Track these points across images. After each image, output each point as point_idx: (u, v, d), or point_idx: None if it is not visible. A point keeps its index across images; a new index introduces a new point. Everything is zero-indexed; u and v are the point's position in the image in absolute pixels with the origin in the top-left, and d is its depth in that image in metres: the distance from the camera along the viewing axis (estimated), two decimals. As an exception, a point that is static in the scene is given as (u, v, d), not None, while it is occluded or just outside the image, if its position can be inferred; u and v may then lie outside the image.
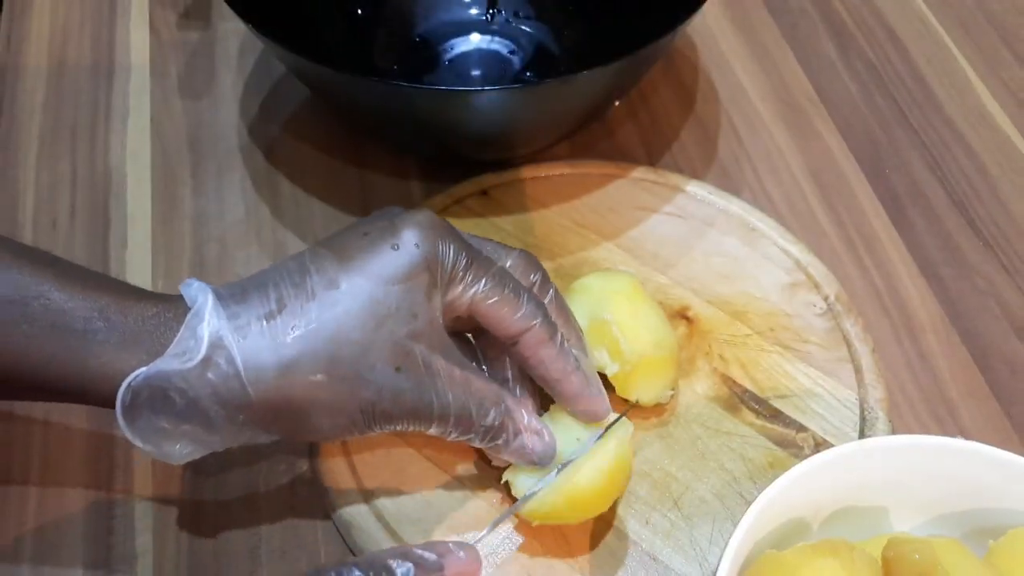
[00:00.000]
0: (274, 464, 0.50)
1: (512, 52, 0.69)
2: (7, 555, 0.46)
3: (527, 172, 0.60)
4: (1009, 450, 0.51)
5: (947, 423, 0.52)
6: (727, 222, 0.58)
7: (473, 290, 0.42)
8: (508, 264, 0.44)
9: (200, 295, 0.39)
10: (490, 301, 0.42)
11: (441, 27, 0.70)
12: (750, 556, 0.39)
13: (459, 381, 0.41)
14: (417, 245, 0.41)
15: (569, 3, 0.69)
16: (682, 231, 0.58)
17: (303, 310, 0.39)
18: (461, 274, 0.42)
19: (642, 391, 0.48)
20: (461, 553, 0.39)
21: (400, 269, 0.40)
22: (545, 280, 0.45)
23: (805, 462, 0.40)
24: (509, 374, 0.45)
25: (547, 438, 0.43)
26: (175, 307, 0.40)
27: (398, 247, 0.41)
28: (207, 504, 0.48)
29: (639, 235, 0.57)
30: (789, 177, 0.63)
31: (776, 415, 0.50)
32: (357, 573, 0.36)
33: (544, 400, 0.46)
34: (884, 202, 0.62)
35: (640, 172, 0.60)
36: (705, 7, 0.56)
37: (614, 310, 0.48)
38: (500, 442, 0.43)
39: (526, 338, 0.42)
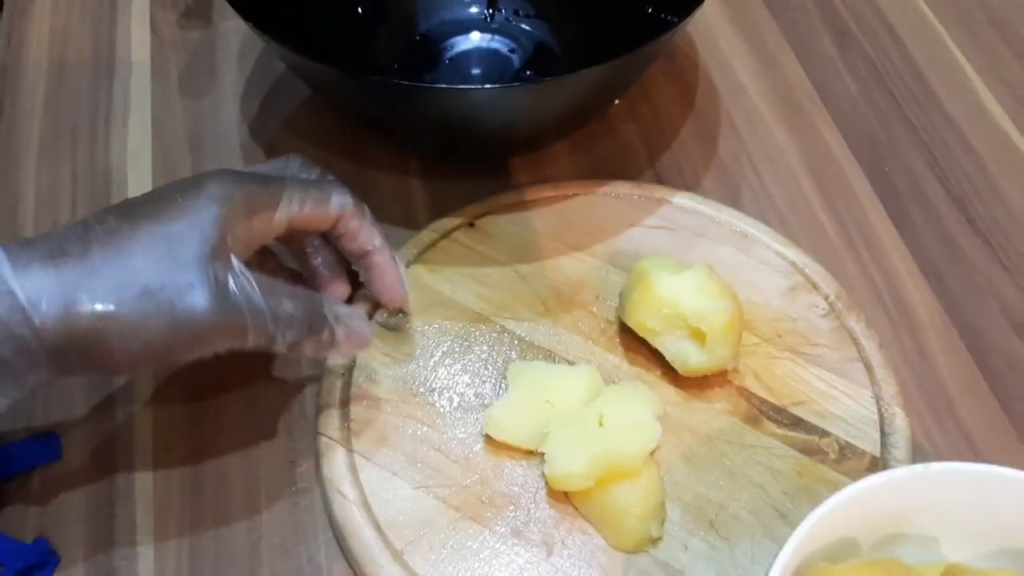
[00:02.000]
0: (274, 463, 0.50)
1: (512, 50, 0.69)
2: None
3: (512, 198, 0.59)
4: (1007, 447, 0.51)
5: (946, 420, 0.52)
6: (719, 231, 0.58)
7: (284, 211, 0.45)
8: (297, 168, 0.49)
9: None
10: (304, 210, 0.46)
11: (441, 26, 0.70)
12: (799, 569, 0.39)
13: (266, 285, 0.43)
14: (201, 188, 0.43)
15: (569, 2, 0.69)
16: (675, 244, 0.57)
17: (86, 251, 0.39)
18: (263, 203, 0.45)
19: (732, 350, 0.49)
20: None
21: (185, 210, 0.42)
22: (360, 203, 0.50)
23: (860, 482, 0.39)
24: (319, 260, 0.52)
25: (366, 319, 0.48)
26: None
27: (182, 197, 0.42)
28: (207, 503, 0.48)
29: (633, 251, 0.56)
30: (789, 175, 0.63)
31: (797, 423, 0.50)
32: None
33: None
34: (884, 200, 0.62)
35: (625, 187, 0.60)
36: (705, 6, 0.56)
37: (673, 288, 0.49)
38: (325, 336, 0.45)
39: (342, 220, 0.48)
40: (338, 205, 0.48)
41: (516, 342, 0.52)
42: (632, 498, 0.45)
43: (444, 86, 0.63)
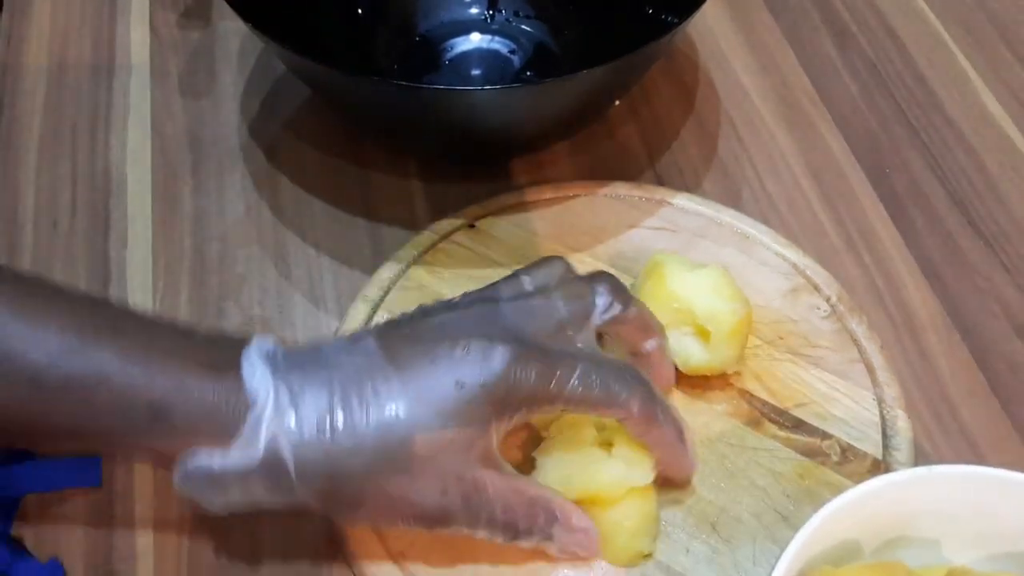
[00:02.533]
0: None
1: (512, 51, 0.69)
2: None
3: (512, 199, 0.59)
4: (1010, 449, 0.51)
5: (947, 422, 0.52)
6: (719, 232, 0.58)
7: (559, 399, 0.41)
8: (596, 299, 0.45)
9: (261, 392, 0.39)
10: (583, 407, 0.42)
11: (441, 27, 0.70)
12: (801, 572, 0.38)
13: (506, 493, 0.42)
14: (484, 387, 0.40)
15: (569, 3, 0.69)
16: (676, 245, 0.57)
17: (359, 427, 0.39)
18: (541, 399, 0.41)
19: (736, 353, 0.49)
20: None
21: (461, 409, 0.40)
22: (627, 301, 0.45)
23: (863, 485, 0.39)
24: None
25: (592, 536, 0.44)
26: (235, 392, 0.39)
27: (462, 387, 0.40)
28: (207, 504, 0.48)
29: (634, 253, 0.56)
30: (789, 176, 0.63)
31: (798, 425, 0.50)
32: None
33: None
34: (884, 201, 0.62)
35: (625, 188, 0.60)
36: (705, 7, 0.56)
37: (686, 285, 0.49)
38: (549, 543, 0.43)
39: (628, 423, 0.43)
40: (623, 408, 0.42)
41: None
42: (623, 514, 0.44)
43: (444, 87, 0.63)
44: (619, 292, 0.45)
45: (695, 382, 0.51)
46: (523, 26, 0.70)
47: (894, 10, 0.74)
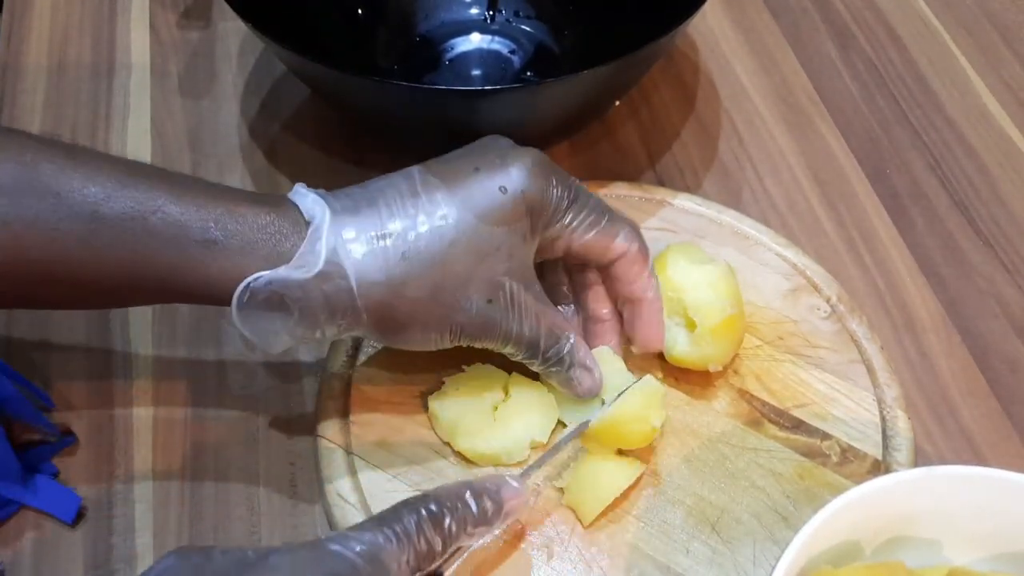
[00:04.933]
0: (275, 463, 0.50)
1: (512, 52, 0.69)
2: (8, 556, 0.46)
3: None
4: (1009, 449, 0.51)
5: (947, 422, 0.52)
6: (719, 232, 0.58)
7: (572, 228, 0.46)
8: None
9: (317, 209, 0.41)
10: (589, 236, 0.46)
11: (442, 27, 0.70)
12: (802, 572, 0.38)
13: (538, 314, 0.45)
14: (523, 191, 0.44)
15: (569, 3, 0.69)
16: (676, 246, 0.57)
17: (414, 236, 0.42)
18: (562, 215, 0.45)
19: (718, 351, 0.49)
20: (513, 483, 0.42)
21: (505, 213, 0.43)
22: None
23: (863, 485, 0.39)
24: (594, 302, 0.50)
25: (596, 375, 0.47)
26: (287, 215, 0.42)
27: (506, 190, 0.43)
28: (207, 503, 0.48)
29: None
30: (790, 177, 0.63)
31: (798, 425, 0.50)
32: (433, 507, 0.39)
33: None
34: (885, 202, 0.62)
35: (625, 189, 0.59)
36: (705, 7, 0.56)
37: (684, 275, 0.50)
38: (556, 369, 0.47)
39: (623, 260, 0.47)
40: (623, 243, 0.47)
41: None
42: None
43: (444, 87, 0.63)
44: (639, 238, 0.48)
45: (694, 384, 0.51)
46: (523, 26, 0.70)
47: (894, 10, 0.74)
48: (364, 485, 0.47)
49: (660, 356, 0.51)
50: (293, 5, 0.61)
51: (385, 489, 0.47)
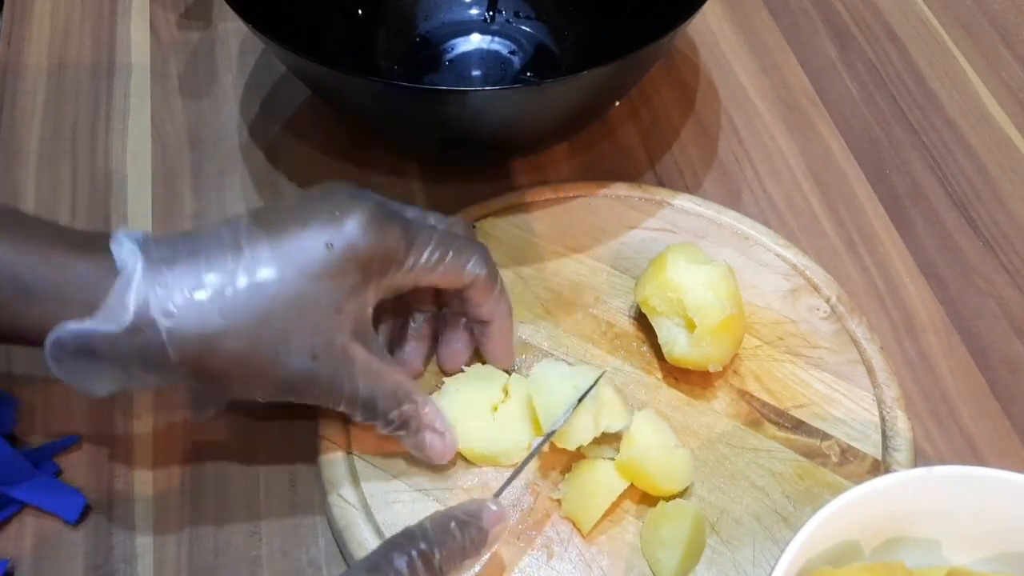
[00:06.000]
0: (275, 464, 0.50)
1: (512, 52, 0.69)
2: (8, 555, 0.46)
3: (512, 200, 0.59)
4: (1009, 450, 0.51)
5: (947, 423, 0.52)
6: (719, 233, 0.58)
7: (417, 270, 0.44)
8: (447, 227, 0.48)
9: (130, 259, 0.40)
10: (436, 272, 0.45)
11: (442, 27, 0.70)
12: (801, 572, 0.38)
13: (373, 372, 0.43)
14: (352, 246, 0.42)
15: (569, 3, 0.69)
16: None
17: (231, 292, 0.40)
18: (403, 260, 0.44)
19: (718, 352, 0.49)
20: (493, 507, 0.41)
21: (330, 268, 0.42)
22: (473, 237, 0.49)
23: (862, 485, 0.39)
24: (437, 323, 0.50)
25: (448, 439, 0.46)
26: (105, 262, 0.41)
27: (332, 246, 0.42)
28: (207, 504, 0.48)
29: (634, 254, 0.56)
30: (789, 177, 0.63)
31: (798, 425, 0.50)
32: (423, 545, 0.38)
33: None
34: (884, 202, 0.62)
35: (625, 189, 0.60)
36: (705, 7, 0.56)
37: (684, 276, 0.49)
38: (402, 433, 0.45)
39: (472, 289, 0.46)
40: (471, 273, 0.46)
41: (516, 344, 0.52)
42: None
43: (444, 88, 0.63)
44: (488, 263, 0.47)
45: (694, 384, 0.51)
46: (523, 27, 0.70)
47: (894, 11, 0.74)
48: (364, 486, 0.47)
49: (659, 356, 0.51)
50: (293, 6, 0.61)
51: (385, 490, 0.47)
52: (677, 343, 0.50)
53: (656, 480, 0.45)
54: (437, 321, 0.50)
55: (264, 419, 0.51)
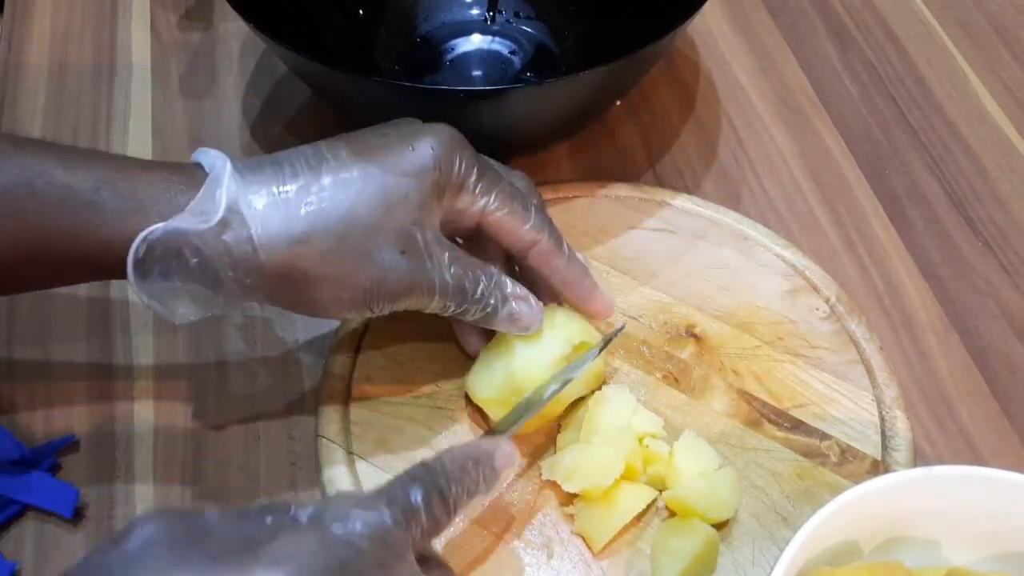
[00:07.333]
0: (275, 464, 0.50)
1: (513, 52, 0.69)
2: (8, 555, 0.46)
3: None
4: (1008, 450, 0.51)
5: (946, 423, 0.52)
6: (718, 233, 0.58)
7: (484, 201, 0.45)
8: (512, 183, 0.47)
9: (218, 162, 0.41)
10: (500, 213, 0.45)
11: (442, 27, 0.70)
12: (801, 572, 0.38)
13: (454, 258, 0.44)
14: (432, 148, 0.43)
15: (569, 3, 0.70)
16: (676, 246, 0.57)
17: (317, 188, 0.41)
18: (472, 185, 0.44)
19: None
20: (506, 446, 0.41)
21: (413, 165, 0.43)
22: (543, 204, 0.49)
23: (862, 485, 0.39)
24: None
25: (533, 303, 0.46)
26: (184, 173, 0.41)
27: (414, 148, 0.43)
28: (207, 503, 0.48)
29: (633, 255, 0.56)
30: (789, 177, 0.63)
31: (797, 425, 0.50)
32: (442, 481, 0.37)
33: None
34: (884, 202, 0.62)
35: (625, 190, 0.60)
36: (705, 7, 0.56)
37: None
38: (490, 311, 0.45)
39: (536, 250, 0.46)
40: (533, 231, 0.46)
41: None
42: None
43: (445, 87, 0.63)
44: (550, 229, 0.47)
45: (693, 384, 0.51)
46: (524, 27, 0.70)
47: (893, 11, 0.74)
48: (365, 486, 0.47)
49: (659, 356, 0.51)
50: (294, 6, 0.62)
51: (386, 489, 0.47)
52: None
53: (705, 514, 0.45)
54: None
55: (264, 419, 0.51)
